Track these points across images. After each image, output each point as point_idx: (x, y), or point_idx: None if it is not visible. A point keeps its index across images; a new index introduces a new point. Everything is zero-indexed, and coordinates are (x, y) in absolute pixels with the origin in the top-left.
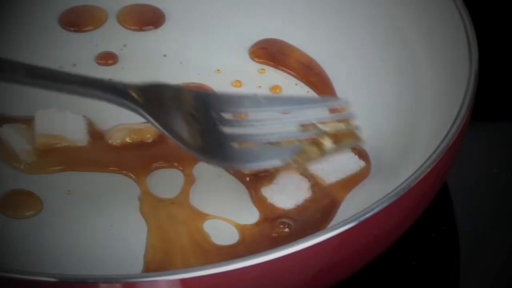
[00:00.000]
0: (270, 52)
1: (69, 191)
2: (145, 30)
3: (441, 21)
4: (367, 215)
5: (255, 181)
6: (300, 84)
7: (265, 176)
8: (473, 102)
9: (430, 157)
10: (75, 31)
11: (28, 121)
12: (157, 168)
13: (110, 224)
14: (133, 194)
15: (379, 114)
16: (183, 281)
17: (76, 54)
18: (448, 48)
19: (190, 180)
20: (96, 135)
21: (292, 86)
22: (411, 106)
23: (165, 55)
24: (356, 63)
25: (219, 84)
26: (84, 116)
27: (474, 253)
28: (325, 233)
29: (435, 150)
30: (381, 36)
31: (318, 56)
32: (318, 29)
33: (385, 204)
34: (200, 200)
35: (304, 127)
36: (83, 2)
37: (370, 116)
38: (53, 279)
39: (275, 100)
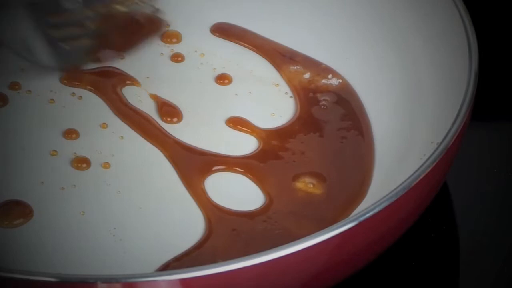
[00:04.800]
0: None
1: (68, 190)
2: None
3: (441, 21)
4: (367, 215)
5: None
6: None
7: None
8: (473, 102)
9: (430, 157)
10: None
11: None
12: None
13: (110, 224)
14: (133, 193)
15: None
16: (183, 281)
17: None
18: (448, 48)
19: None
20: None
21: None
22: (411, 106)
23: None
24: (355, 64)
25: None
26: None
27: (474, 253)
28: (325, 233)
29: (435, 150)
30: (381, 37)
31: (318, 57)
32: (318, 29)
33: (385, 204)
34: None
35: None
36: None
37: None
38: (53, 279)
39: None
